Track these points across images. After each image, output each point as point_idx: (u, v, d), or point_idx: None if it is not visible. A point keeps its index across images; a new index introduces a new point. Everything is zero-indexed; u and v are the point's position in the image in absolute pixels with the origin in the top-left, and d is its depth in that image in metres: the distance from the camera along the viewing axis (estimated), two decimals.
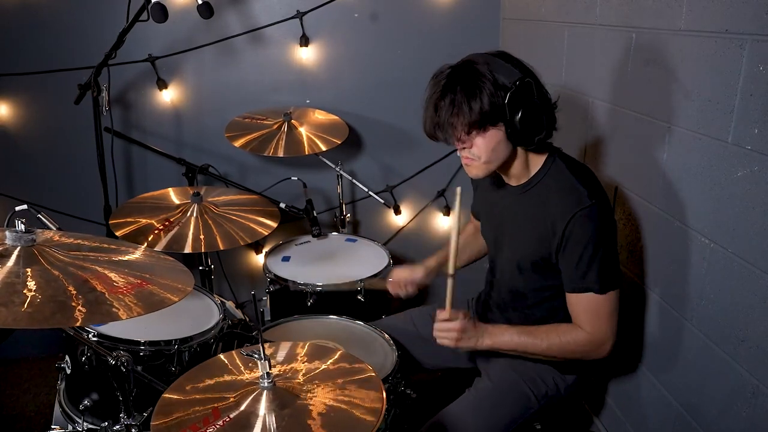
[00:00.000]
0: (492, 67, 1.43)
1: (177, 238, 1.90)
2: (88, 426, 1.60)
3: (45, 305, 1.00)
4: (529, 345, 1.56)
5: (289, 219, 2.40)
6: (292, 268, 2.22)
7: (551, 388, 1.69)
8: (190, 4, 2.27)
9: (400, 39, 2.67)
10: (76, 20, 2.46)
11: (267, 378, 1.16)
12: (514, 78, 1.42)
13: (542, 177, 1.56)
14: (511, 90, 1.41)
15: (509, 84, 1.41)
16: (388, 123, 2.75)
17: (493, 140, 1.47)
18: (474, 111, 1.41)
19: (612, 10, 1.83)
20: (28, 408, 2.46)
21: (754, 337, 1.35)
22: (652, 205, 1.71)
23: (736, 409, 1.41)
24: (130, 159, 2.68)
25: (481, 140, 1.47)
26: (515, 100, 1.42)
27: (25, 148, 2.59)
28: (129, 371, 1.33)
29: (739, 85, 1.33)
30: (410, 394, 1.67)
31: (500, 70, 1.43)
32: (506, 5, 2.65)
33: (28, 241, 1.13)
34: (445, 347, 1.59)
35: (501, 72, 1.43)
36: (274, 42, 2.62)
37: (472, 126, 1.43)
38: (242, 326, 1.82)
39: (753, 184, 1.31)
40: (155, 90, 2.60)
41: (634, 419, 1.91)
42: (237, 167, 2.74)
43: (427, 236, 2.98)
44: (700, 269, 1.52)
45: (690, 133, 1.51)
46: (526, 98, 1.43)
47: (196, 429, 1.08)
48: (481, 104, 1.41)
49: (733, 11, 1.33)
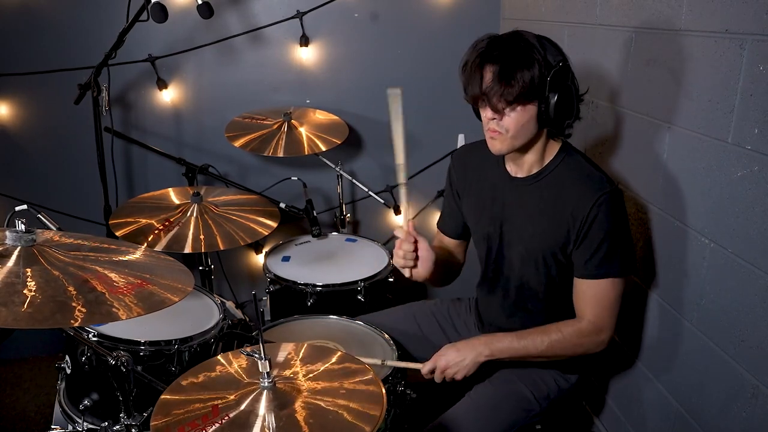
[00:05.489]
0: (540, 41, 1.42)
1: (177, 238, 1.90)
2: (88, 426, 1.60)
3: (45, 305, 1.00)
4: (529, 347, 1.53)
5: (289, 219, 2.40)
6: (292, 268, 2.22)
7: (552, 390, 1.68)
8: (190, 4, 2.27)
9: (400, 39, 2.67)
10: (76, 20, 2.46)
11: (267, 378, 1.16)
12: (559, 58, 1.42)
13: (556, 166, 1.54)
14: (555, 69, 1.40)
15: (554, 63, 1.41)
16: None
17: (526, 116, 1.44)
18: (525, 80, 1.38)
19: (612, 10, 1.83)
20: (28, 408, 2.45)
21: (754, 337, 1.35)
22: (652, 205, 1.70)
23: (736, 409, 1.41)
24: (130, 159, 2.68)
25: (516, 114, 1.44)
26: (557, 80, 1.41)
27: (25, 148, 2.59)
28: (129, 371, 1.33)
29: (739, 85, 1.33)
30: (410, 394, 1.67)
31: (547, 47, 1.42)
32: (506, 5, 2.65)
33: (28, 241, 1.13)
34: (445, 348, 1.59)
35: (548, 48, 1.42)
36: (274, 42, 2.62)
37: (518, 96, 1.40)
38: (242, 326, 1.82)
39: (753, 184, 1.31)
40: (155, 90, 2.60)
41: (634, 419, 1.91)
42: (237, 167, 2.74)
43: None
44: (700, 269, 1.52)
45: (690, 133, 1.51)
46: (565, 81, 1.43)
47: (195, 426, 1.08)
48: (532, 76, 1.38)
49: (733, 11, 1.33)
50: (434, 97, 2.70)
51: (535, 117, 1.45)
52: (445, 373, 1.56)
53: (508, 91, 1.39)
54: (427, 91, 2.70)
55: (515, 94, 1.39)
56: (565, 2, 2.12)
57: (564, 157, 1.54)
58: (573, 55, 2.10)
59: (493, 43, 1.43)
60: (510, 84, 1.39)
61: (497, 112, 1.44)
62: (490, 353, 1.54)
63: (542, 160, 1.56)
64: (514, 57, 1.39)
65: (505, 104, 1.42)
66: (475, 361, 1.54)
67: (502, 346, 1.55)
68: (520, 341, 1.53)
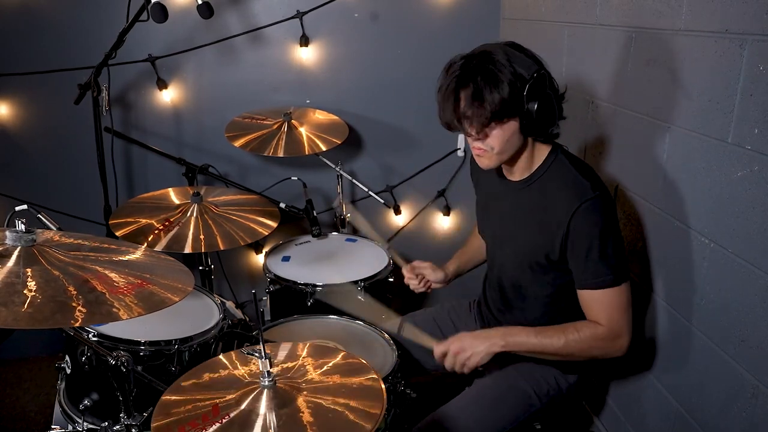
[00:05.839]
0: (509, 57, 1.42)
1: (177, 238, 1.90)
2: (88, 426, 1.60)
3: (45, 305, 1.00)
4: (546, 343, 1.51)
5: (289, 219, 2.40)
6: (292, 268, 2.22)
7: (553, 387, 1.68)
8: (190, 4, 2.27)
9: (400, 39, 2.67)
10: (76, 20, 2.46)
11: (267, 377, 1.16)
12: (532, 69, 1.42)
13: (544, 171, 1.55)
14: (529, 81, 1.41)
15: (527, 75, 1.41)
16: (388, 123, 2.75)
17: (509, 132, 1.46)
18: (495, 102, 1.39)
19: (612, 10, 1.83)
20: (28, 408, 2.45)
21: (754, 337, 1.35)
22: (652, 205, 1.71)
23: (736, 409, 1.41)
24: (130, 159, 2.68)
25: (498, 131, 1.45)
26: (533, 91, 1.41)
27: (25, 148, 2.59)
28: (129, 371, 1.33)
29: (739, 85, 1.33)
30: (410, 394, 1.67)
31: (517, 61, 1.42)
32: (506, 5, 2.65)
33: (28, 241, 1.13)
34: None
35: (518, 62, 1.42)
36: (274, 42, 2.62)
37: (492, 117, 1.41)
38: (242, 326, 1.82)
39: (753, 184, 1.31)
40: (155, 90, 2.60)
41: (634, 419, 1.91)
42: (237, 167, 2.74)
43: (427, 236, 2.98)
44: (700, 269, 1.52)
45: (690, 133, 1.51)
46: (542, 89, 1.43)
47: (195, 425, 1.08)
48: (502, 95, 1.39)
49: (733, 11, 1.33)
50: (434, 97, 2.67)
51: (518, 130, 1.47)
52: (457, 357, 1.54)
53: (481, 113, 1.41)
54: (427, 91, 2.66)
55: (488, 116, 1.41)
56: (565, 2, 2.12)
57: (552, 161, 1.55)
58: (573, 55, 2.12)
59: (463, 66, 1.44)
60: (481, 106, 1.41)
61: (477, 132, 1.46)
62: (506, 344, 1.53)
63: (531, 165, 1.58)
64: (482, 80, 1.40)
65: (480, 127, 1.44)
66: (490, 350, 1.53)
67: (519, 339, 1.54)
68: (537, 337, 1.52)
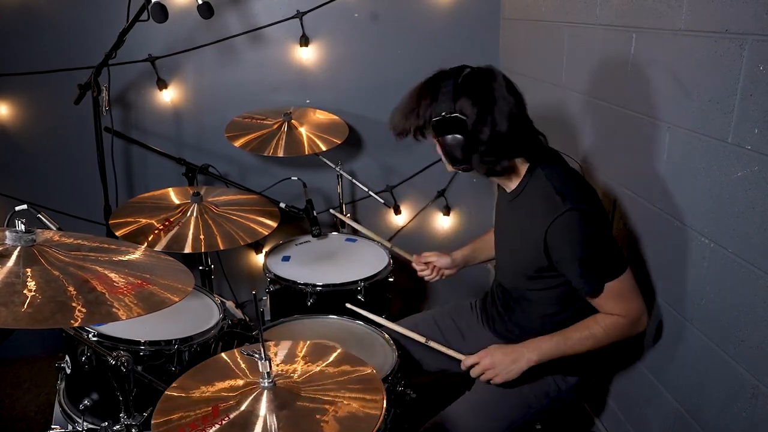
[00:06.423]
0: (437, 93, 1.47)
1: (177, 238, 1.90)
2: (88, 426, 1.60)
3: (45, 305, 1.00)
4: (577, 347, 1.54)
5: (289, 219, 2.40)
6: (292, 268, 2.22)
7: (553, 390, 1.68)
8: (190, 4, 2.27)
9: (400, 39, 2.67)
10: (76, 20, 2.46)
11: (267, 378, 1.16)
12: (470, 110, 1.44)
13: (524, 186, 1.58)
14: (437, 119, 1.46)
15: (444, 112, 1.45)
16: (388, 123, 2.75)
17: (438, 148, 1.53)
18: (403, 128, 1.54)
19: (612, 10, 1.83)
20: (28, 408, 2.46)
21: (754, 337, 1.35)
22: (652, 205, 1.70)
23: (736, 409, 1.41)
24: (130, 159, 2.68)
25: (435, 142, 1.54)
26: (443, 128, 1.47)
27: (25, 148, 2.59)
28: (129, 371, 1.33)
29: (739, 85, 1.33)
30: (410, 394, 1.67)
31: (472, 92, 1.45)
32: (506, 5, 2.65)
33: (28, 241, 1.13)
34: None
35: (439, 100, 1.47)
36: (274, 42, 2.61)
37: (399, 136, 1.57)
38: (242, 326, 1.82)
39: (753, 184, 1.31)
40: (155, 90, 2.60)
41: (634, 419, 1.91)
42: (237, 167, 2.74)
43: (427, 236, 2.98)
44: (700, 269, 1.52)
45: (690, 133, 1.51)
46: (455, 130, 1.46)
47: (195, 427, 1.08)
48: (408, 126, 1.53)
49: (733, 11, 1.33)
50: None
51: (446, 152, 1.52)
52: (487, 372, 1.58)
53: (397, 128, 1.56)
54: None
55: (396, 134, 1.57)
56: (565, 2, 2.12)
57: (531, 176, 1.56)
58: (573, 55, 2.12)
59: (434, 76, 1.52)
60: (396, 124, 1.56)
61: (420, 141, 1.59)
62: (539, 359, 1.56)
63: (516, 178, 1.59)
64: (403, 103, 1.55)
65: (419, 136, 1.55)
66: (521, 368, 1.56)
67: (549, 349, 1.55)
68: (566, 342, 1.54)
